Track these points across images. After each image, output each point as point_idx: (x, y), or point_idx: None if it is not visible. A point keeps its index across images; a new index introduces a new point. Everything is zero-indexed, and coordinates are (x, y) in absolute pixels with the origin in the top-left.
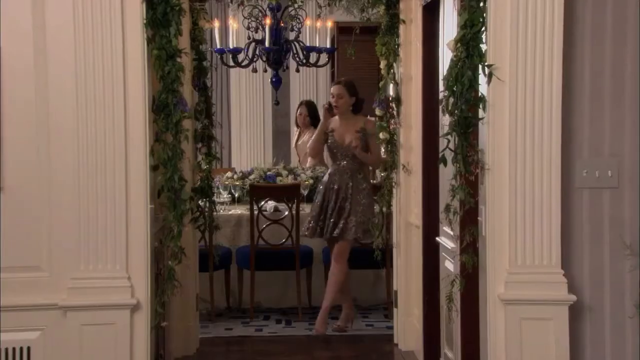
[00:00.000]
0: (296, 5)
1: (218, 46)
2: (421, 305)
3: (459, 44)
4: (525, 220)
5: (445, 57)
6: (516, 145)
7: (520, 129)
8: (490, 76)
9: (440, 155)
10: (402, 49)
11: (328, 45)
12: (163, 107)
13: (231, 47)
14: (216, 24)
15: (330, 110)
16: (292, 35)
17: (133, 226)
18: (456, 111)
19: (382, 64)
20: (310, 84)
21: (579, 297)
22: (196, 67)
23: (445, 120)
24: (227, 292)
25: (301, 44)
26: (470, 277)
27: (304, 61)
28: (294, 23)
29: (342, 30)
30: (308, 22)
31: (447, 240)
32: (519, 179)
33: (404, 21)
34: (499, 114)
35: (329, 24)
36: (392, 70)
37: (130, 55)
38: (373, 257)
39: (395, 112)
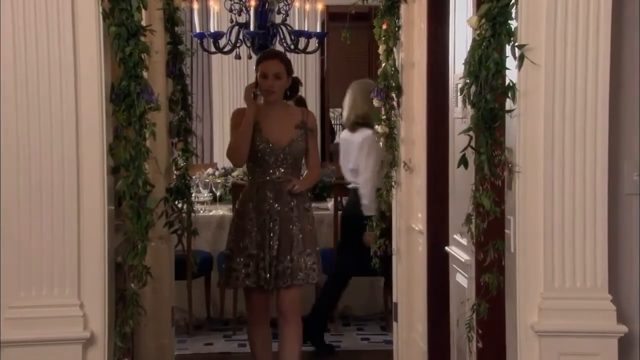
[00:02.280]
0: None
1: (197, 30)
2: (426, 321)
3: (483, 20)
4: (564, 233)
5: (458, 40)
6: (553, 143)
7: (559, 123)
8: (521, 59)
9: (461, 154)
10: (403, 31)
11: (318, 30)
12: (124, 97)
13: (212, 31)
14: (195, 5)
15: (256, 96)
16: (279, 19)
17: (86, 242)
18: (479, 102)
19: (381, 49)
20: (299, 71)
21: (630, 328)
22: (171, 52)
23: (457, 113)
24: (208, 301)
25: (289, 28)
26: (494, 300)
27: (292, 47)
28: (281, 5)
29: (333, 16)
30: (297, 4)
31: (459, 251)
32: (557, 184)
33: (405, 0)
34: (532, 105)
35: (319, 6)
36: (392, 56)
37: (81, 33)
38: (369, 264)
39: (395, 103)
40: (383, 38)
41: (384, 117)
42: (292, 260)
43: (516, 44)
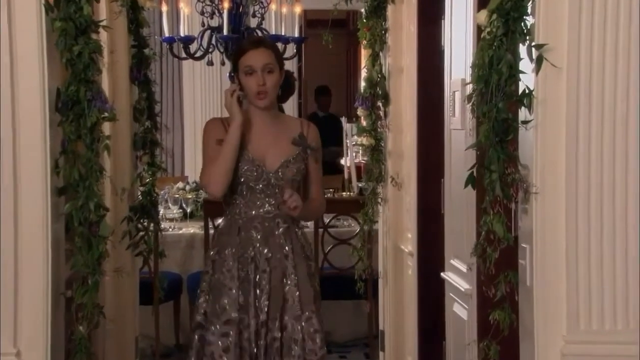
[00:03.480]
0: None
1: (166, 34)
2: (416, 353)
3: (494, 16)
4: (591, 265)
5: (455, 42)
6: (577, 159)
7: (584, 136)
8: (540, 61)
9: (469, 172)
10: (390, 34)
11: (296, 35)
12: (72, 105)
13: (182, 35)
14: (164, 7)
15: (241, 102)
16: (254, 22)
17: (25, 277)
18: (490, 111)
19: (366, 54)
20: None
21: None
22: (135, 56)
23: (455, 123)
24: (177, 327)
25: (265, 33)
26: (507, 340)
27: None
28: (256, 8)
29: (310, 23)
30: (273, 7)
31: (457, 279)
32: (581, 207)
33: (393, 0)
34: (552, 115)
35: (297, 10)
36: (378, 61)
37: (19, 28)
38: (352, 286)
39: (381, 113)
40: (368, 42)
41: (370, 127)
42: (284, 327)
43: (533, 43)
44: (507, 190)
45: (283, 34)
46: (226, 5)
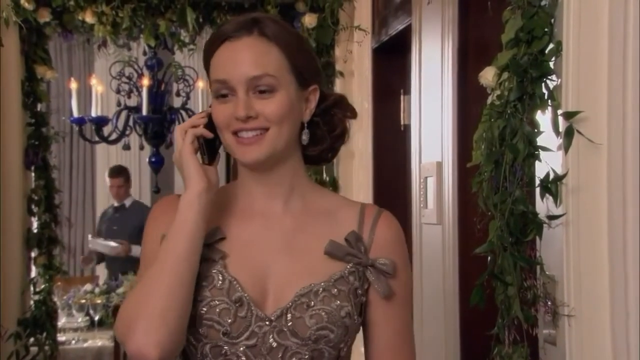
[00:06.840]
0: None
1: (75, 114)
2: None
3: (505, 75)
4: None
5: (426, 117)
6: (625, 269)
7: (634, 235)
8: (569, 135)
9: (476, 286)
10: None
11: None
12: None
13: (94, 115)
14: (73, 85)
15: (210, 153)
16: (178, 102)
17: None
18: (504, 202)
19: None
20: None
21: None
22: (32, 136)
23: (428, 216)
24: None
25: (190, 113)
26: None
27: None
28: (181, 86)
29: None
30: (200, 85)
31: None
32: (634, 337)
33: (341, 73)
34: (588, 208)
35: None
36: None
37: None
38: None
39: None
40: None
41: None
42: None
43: (560, 111)
44: (528, 312)
45: None
46: (146, 82)
